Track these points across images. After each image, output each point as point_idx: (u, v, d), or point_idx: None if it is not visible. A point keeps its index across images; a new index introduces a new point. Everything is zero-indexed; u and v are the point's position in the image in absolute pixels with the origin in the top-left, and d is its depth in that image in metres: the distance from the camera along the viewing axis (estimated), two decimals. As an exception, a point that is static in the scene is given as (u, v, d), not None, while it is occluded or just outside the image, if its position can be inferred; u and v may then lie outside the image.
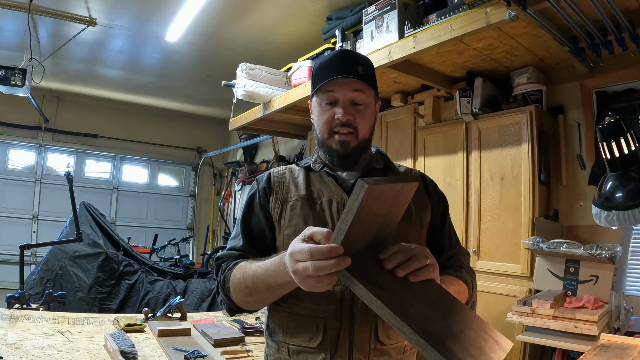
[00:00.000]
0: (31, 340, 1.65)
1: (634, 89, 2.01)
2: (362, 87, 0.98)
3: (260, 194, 1.05)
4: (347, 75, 0.96)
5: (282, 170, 1.09)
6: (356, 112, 0.98)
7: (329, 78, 0.96)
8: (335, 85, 0.97)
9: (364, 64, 1.00)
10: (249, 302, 0.96)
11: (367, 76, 0.99)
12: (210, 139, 6.54)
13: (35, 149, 5.62)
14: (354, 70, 0.97)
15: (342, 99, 0.97)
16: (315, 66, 1.04)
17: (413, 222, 1.00)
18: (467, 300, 1.01)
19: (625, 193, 1.54)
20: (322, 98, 1.00)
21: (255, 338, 1.94)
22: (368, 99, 1.00)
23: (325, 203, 0.99)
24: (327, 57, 1.02)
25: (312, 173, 1.05)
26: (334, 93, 0.98)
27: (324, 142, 1.01)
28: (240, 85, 3.04)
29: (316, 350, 0.92)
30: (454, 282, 0.97)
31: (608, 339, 1.45)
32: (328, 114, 0.98)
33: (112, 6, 3.10)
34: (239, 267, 0.96)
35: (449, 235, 1.08)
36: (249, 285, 0.91)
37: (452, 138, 2.48)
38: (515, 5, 1.57)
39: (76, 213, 2.92)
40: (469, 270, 1.05)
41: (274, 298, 0.94)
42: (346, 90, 0.97)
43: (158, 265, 4.14)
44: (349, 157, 1.00)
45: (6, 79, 3.27)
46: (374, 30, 2.30)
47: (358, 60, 1.00)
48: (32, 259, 5.13)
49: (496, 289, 2.17)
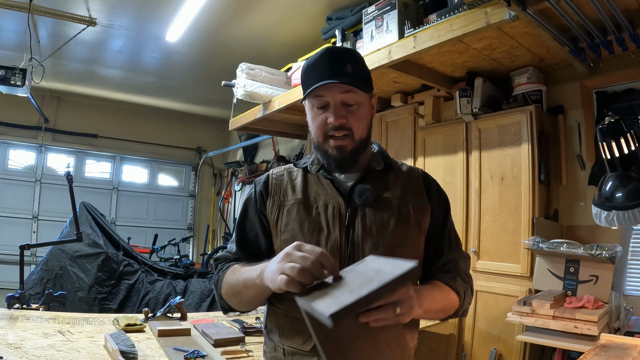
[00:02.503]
0: (31, 340, 1.65)
1: (634, 89, 2.01)
2: (352, 87, 0.94)
3: (257, 197, 1.05)
4: (333, 81, 0.91)
5: (280, 172, 1.08)
6: (349, 113, 0.95)
7: (316, 83, 0.93)
8: (324, 90, 0.93)
9: (352, 61, 0.95)
10: (236, 303, 0.99)
11: (356, 74, 0.94)
12: (210, 139, 6.55)
13: (35, 149, 5.62)
14: (342, 70, 0.92)
15: (332, 102, 0.94)
16: (303, 68, 1.01)
17: (411, 227, 0.98)
18: (456, 309, 0.99)
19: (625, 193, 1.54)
20: (312, 102, 0.97)
21: (255, 338, 1.94)
22: (360, 98, 0.96)
23: (322, 207, 0.97)
24: (313, 58, 0.98)
25: (309, 175, 1.04)
26: (323, 97, 0.94)
27: (320, 146, 0.99)
28: (240, 85, 3.04)
29: (309, 354, 0.92)
30: (443, 289, 0.96)
31: (608, 339, 1.45)
32: (320, 118, 0.96)
33: (112, 6, 3.10)
34: (231, 270, 0.98)
35: (449, 239, 1.05)
36: (234, 286, 0.95)
37: (452, 138, 2.48)
38: (515, 5, 1.57)
39: (76, 213, 2.92)
40: (465, 277, 1.03)
41: (255, 302, 0.96)
42: (335, 93, 0.93)
43: (158, 265, 4.14)
44: (346, 161, 0.97)
45: (6, 79, 3.27)
46: (374, 30, 2.30)
47: (345, 58, 0.95)
48: (32, 259, 5.13)
49: (496, 289, 2.17)
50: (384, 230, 0.95)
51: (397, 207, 0.98)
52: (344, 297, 0.65)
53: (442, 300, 0.94)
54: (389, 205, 0.98)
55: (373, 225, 0.95)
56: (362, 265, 0.76)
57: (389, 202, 0.98)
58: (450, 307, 0.97)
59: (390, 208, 0.98)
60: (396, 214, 0.97)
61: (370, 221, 0.95)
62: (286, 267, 0.72)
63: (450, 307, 0.97)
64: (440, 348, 2.31)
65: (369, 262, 0.76)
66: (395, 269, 0.68)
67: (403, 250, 0.95)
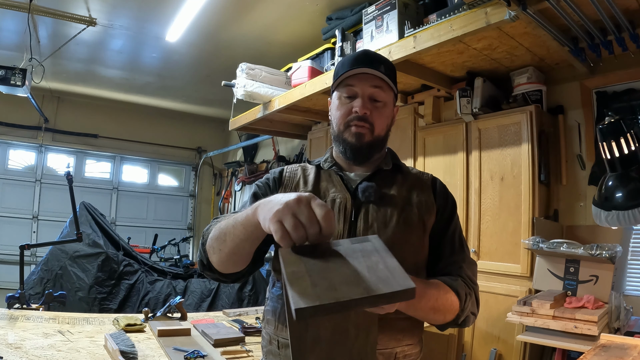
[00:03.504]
0: (31, 340, 1.65)
1: (634, 89, 2.01)
2: (382, 84, 1.00)
3: (270, 182, 1.08)
4: (368, 68, 0.97)
5: (295, 167, 1.11)
6: (374, 108, 0.99)
7: (349, 69, 0.98)
8: (356, 80, 0.99)
9: (385, 65, 1.02)
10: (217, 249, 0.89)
11: (387, 75, 1.00)
12: (210, 139, 6.54)
13: (35, 149, 5.62)
14: (376, 67, 0.98)
15: (361, 93, 0.99)
16: (338, 63, 1.06)
17: (414, 226, 0.98)
18: (456, 314, 0.92)
19: (625, 193, 1.54)
20: (342, 92, 1.02)
21: (255, 338, 1.94)
22: (387, 97, 1.01)
23: (330, 201, 1.00)
24: (350, 54, 1.05)
25: (322, 171, 1.07)
26: (353, 87, 0.99)
27: (340, 134, 1.02)
28: (240, 85, 3.04)
29: None
30: (440, 288, 0.90)
31: (608, 339, 1.45)
32: (346, 107, 1.00)
33: (112, 6, 3.10)
34: (225, 216, 0.95)
35: (452, 241, 1.02)
36: (222, 228, 0.88)
37: (452, 138, 2.48)
38: (515, 5, 1.57)
39: (76, 213, 2.92)
40: (469, 282, 0.97)
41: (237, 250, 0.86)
42: (366, 86, 0.99)
43: (158, 265, 4.14)
44: (362, 151, 1.00)
45: (6, 79, 3.27)
46: (374, 30, 2.30)
47: (380, 60, 1.02)
48: (32, 259, 5.13)
49: (496, 289, 2.17)
50: (386, 227, 0.96)
51: (401, 206, 0.99)
52: (321, 288, 0.61)
53: (435, 299, 0.87)
54: (392, 203, 0.99)
55: (375, 222, 0.96)
56: (362, 247, 0.72)
57: (393, 200, 1.00)
58: (447, 309, 0.90)
59: (393, 206, 0.99)
60: (399, 212, 0.98)
61: (373, 217, 0.97)
62: (286, 217, 0.67)
63: (446, 309, 0.90)
64: (440, 348, 2.31)
65: (370, 247, 0.72)
66: (389, 283, 0.63)
67: (405, 248, 0.94)
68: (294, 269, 0.66)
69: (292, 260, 0.68)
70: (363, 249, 0.72)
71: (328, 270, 0.66)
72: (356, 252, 0.71)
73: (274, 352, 0.98)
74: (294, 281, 0.63)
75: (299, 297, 0.59)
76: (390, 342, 0.92)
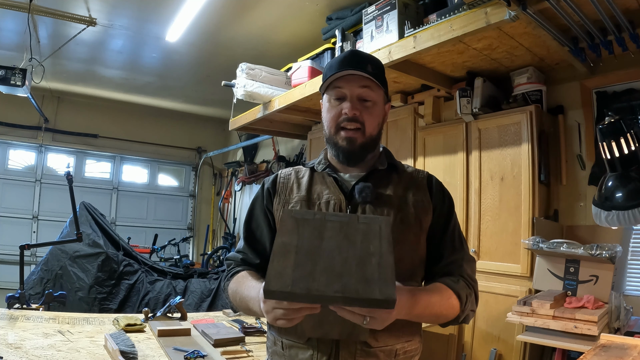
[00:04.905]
0: (31, 340, 1.65)
1: (634, 89, 2.01)
2: (370, 83, 1.00)
3: (265, 195, 1.09)
4: (353, 70, 0.98)
5: (289, 171, 1.12)
6: (364, 108, 1.00)
7: (336, 71, 0.99)
8: (343, 82, 1.00)
9: (372, 63, 1.02)
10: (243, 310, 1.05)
11: (375, 74, 1.00)
12: (210, 139, 6.55)
13: (35, 149, 5.62)
14: (363, 68, 0.99)
15: (349, 95, 1.00)
16: (326, 66, 1.08)
17: (411, 225, 0.99)
18: (457, 315, 0.95)
19: (625, 193, 1.54)
20: (330, 94, 1.03)
21: (255, 338, 1.94)
22: (376, 96, 1.02)
23: (323, 204, 1.00)
24: (337, 56, 1.05)
25: (316, 174, 1.08)
26: (342, 89, 1.01)
27: (331, 137, 1.03)
28: (240, 85, 3.04)
29: (305, 346, 0.94)
30: (443, 293, 0.93)
31: (608, 339, 1.45)
32: (336, 109, 1.01)
33: (112, 6, 3.10)
34: (234, 280, 1.05)
35: (452, 239, 1.03)
36: (238, 299, 1.02)
37: (452, 138, 2.48)
38: (515, 5, 1.57)
39: (76, 213, 2.92)
40: (469, 281, 0.99)
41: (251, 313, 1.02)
42: (354, 87, 1.00)
43: (158, 265, 4.14)
44: (355, 154, 1.01)
45: (6, 79, 3.27)
46: (374, 30, 2.30)
47: (367, 59, 1.03)
48: (32, 259, 5.13)
49: (496, 289, 2.17)
50: None
51: (398, 205, 0.99)
52: (299, 272, 0.60)
53: (439, 306, 0.91)
54: (389, 202, 0.99)
55: None
56: (366, 229, 0.70)
57: (389, 199, 1.00)
58: (449, 313, 0.94)
59: (390, 206, 0.99)
60: (396, 212, 0.98)
61: None
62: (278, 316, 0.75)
63: (448, 313, 0.93)
64: (440, 348, 2.31)
65: (375, 230, 0.70)
66: (370, 287, 0.60)
67: (402, 248, 0.95)
68: (285, 240, 0.65)
69: (289, 229, 0.67)
70: (367, 231, 0.71)
71: (317, 251, 0.65)
72: (358, 233, 0.70)
73: (279, 352, 0.99)
74: (279, 255, 0.62)
75: (274, 275, 0.59)
76: (389, 339, 0.93)
